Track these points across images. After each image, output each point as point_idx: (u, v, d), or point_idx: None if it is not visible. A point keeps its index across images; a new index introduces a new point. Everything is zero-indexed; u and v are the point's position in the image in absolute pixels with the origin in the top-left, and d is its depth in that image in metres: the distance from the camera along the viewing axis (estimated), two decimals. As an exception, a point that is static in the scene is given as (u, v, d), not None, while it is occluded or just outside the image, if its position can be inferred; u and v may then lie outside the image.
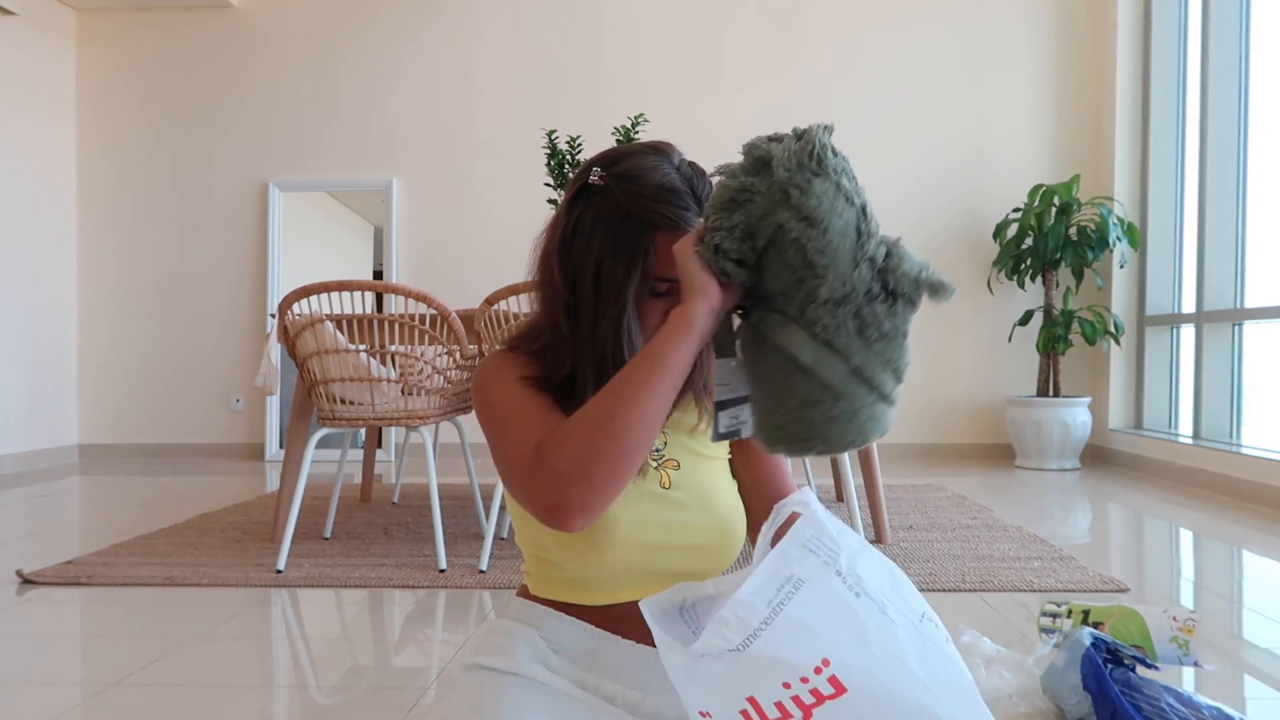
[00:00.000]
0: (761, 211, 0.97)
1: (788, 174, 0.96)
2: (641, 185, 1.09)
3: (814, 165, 0.96)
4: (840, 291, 0.95)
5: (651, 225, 1.08)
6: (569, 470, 0.98)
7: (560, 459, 0.99)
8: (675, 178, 1.11)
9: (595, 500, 0.99)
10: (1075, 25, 5.70)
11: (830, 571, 0.92)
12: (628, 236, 1.08)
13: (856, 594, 0.92)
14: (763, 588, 0.91)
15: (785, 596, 0.90)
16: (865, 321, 0.96)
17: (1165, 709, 1.49)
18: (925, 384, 5.74)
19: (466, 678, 1.18)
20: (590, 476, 0.98)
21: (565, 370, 1.12)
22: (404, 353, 3.12)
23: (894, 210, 5.73)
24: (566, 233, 1.12)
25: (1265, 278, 4.62)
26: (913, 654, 0.89)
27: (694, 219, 1.10)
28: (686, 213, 1.10)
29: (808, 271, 0.95)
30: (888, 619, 0.91)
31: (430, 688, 1.96)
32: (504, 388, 1.12)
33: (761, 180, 0.98)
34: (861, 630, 0.89)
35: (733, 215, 0.99)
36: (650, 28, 5.81)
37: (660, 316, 1.10)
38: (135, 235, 5.99)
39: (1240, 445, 4.48)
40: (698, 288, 1.01)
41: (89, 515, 4.18)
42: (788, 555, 0.93)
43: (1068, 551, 3.10)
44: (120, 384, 5.98)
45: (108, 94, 6.00)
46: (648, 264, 1.09)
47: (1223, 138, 4.74)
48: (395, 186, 5.88)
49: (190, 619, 2.45)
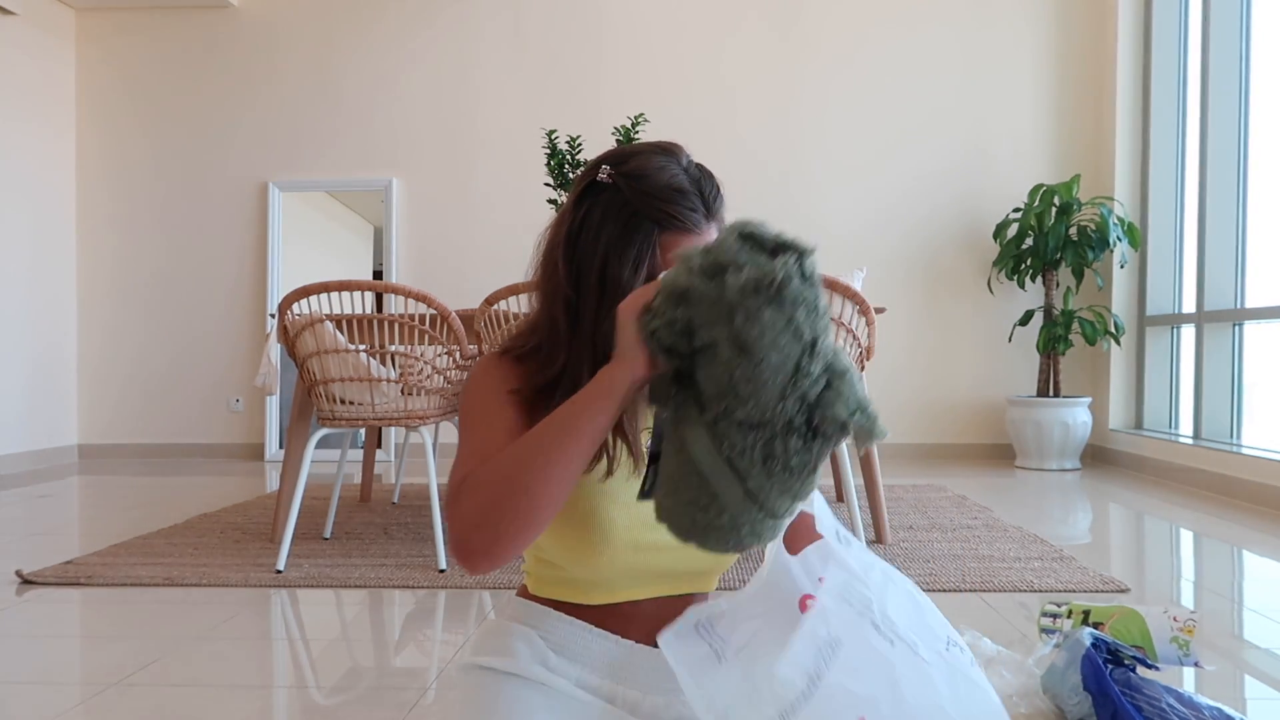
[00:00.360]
0: (704, 317, 0.91)
1: (739, 297, 0.89)
2: (649, 184, 1.09)
3: (770, 293, 0.88)
4: (756, 418, 0.90)
5: (658, 225, 1.08)
6: (476, 517, 0.98)
7: (471, 503, 0.98)
8: (683, 178, 1.11)
9: (499, 550, 0.97)
10: (1075, 25, 5.70)
11: (866, 623, 0.93)
12: (634, 235, 1.08)
13: (891, 642, 0.92)
14: (799, 657, 0.90)
15: (823, 663, 0.91)
16: (774, 452, 0.91)
17: (1165, 709, 1.49)
18: (925, 384, 5.74)
19: (466, 678, 1.18)
20: (495, 526, 0.97)
21: (557, 368, 1.10)
22: (404, 353, 3.12)
23: (894, 210, 5.73)
24: (573, 229, 1.11)
25: (1265, 278, 4.62)
26: (945, 693, 0.90)
27: (700, 220, 1.10)
28: (694, 214, 1.09)
29: (730, 391, 0.90)
30: (920, 660, 0.92)
31: (430, 688, 1.96)
32: (476, 401, 1.11)
33: (714, 287, 0.91)
34: (897, 682, 0.90)
35: (676, 308, 0.93)
36: (650, 28, 5.81)
37: None
38: (135, 235, 5.99)
39: (1240, 445, 4.48)
40: (628, 356, 0.98)
41: (89, 515, 4.18)
42: (826, 613, 0.93)
43: (1068, 552, 3.10)
44: (120, 384, 5.98)
45: (107, 94, 6.00)
46: (654, 263, 1.08)
47: (1223, 138, 4.74)
48: (395, 186, 5.88)
49: (190, 619, 2.45)
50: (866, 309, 2.81)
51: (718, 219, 1.13)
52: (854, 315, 2.81)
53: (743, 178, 5.70)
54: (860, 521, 2.80)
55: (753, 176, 5.71)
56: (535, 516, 0.97)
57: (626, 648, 1.17)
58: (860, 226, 5.72)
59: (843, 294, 2.78)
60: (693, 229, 1.09)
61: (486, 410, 1.09)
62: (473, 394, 1.12)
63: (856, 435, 0.91)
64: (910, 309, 5.70)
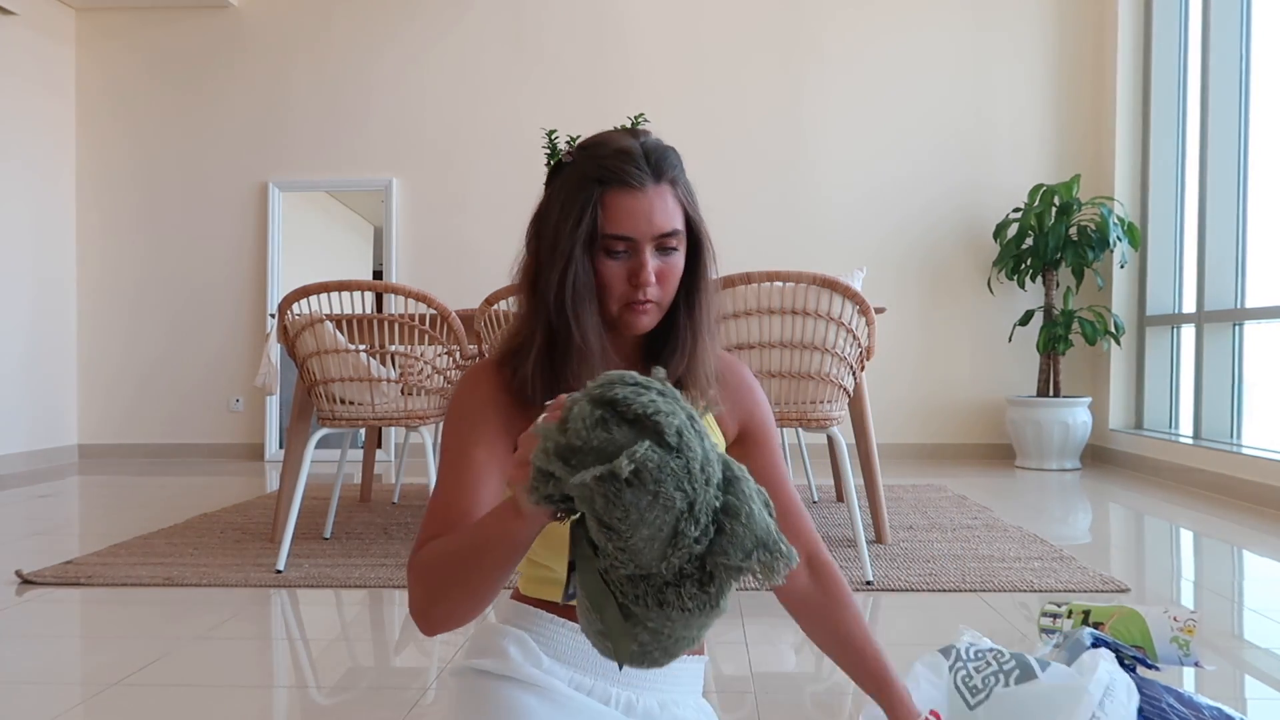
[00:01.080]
0: (572, 494, 0.85)
1: (596, 485, 0.82)
2: (600, 151, 1.14)
3: (629, 476, 0.81)
4: (642, 574, 0.86)
5: (600, 181, 1.12)
6: (423, 596, 1.04)
7: (419, 584, 1.05)
8: (634, 145, 1.15)
9: (450, 623, 1.04)
10: (1075, 25, 5.70)
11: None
12: (580, 195, 1.13)
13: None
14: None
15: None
16: (667, 600, 0.85)
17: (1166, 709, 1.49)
18: (925, 384, 5.74)
19: (460, 682, 1.18)
20: (440, 607, 1.04)
21: (522, 336, 1.17)
22: (404, 353, 3.12)
23: (894, 210, 5.73)
24: (539, 209, 1.19)
25: (1265, 278, 4.62)
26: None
27: (644, 178, 1.12)
28: (637, 171, 1.12)
29: (609, 555, 0.86)
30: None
31: (430, 688, 1.96)
32: (451, 433, 1.15)
33: (570, 472, 0.84)
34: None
35: (547, 484, 0.86)
36: (650, 27, 5.81)
37: (621, 282, 1.13)
38: (135, 235, 5.99)
39: (1240, 445, 4.48)
40: (526, 508, 0.94)
41: (89, 515, 4.18)
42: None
43: (1068, 551, 3.10)
44: (120, 384, 5.98)
45: (107, 94, 6.00)
46: (596, 217, 1.12)
47: (1223, 138, 4.74)
48: (395, 186, 5.88)
49: (190, 619, 2.45)
50: (866, 309, 2.81)
51: (668, 180, 1.14)
52: (854, 315, 2.81)
53: (743, 178, 5.70)
54: (860, 521, 2.80)
55: (753, 177, 5.71)
56: (477, 602, 1.02)
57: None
58: (861, 226, 5.72)
59: (843, 294, 2.78)
60: (634, 185, 1.12)
61: (461, 450, 1.13)
62: (451, 421, 1.17)
63: (761, 573, 0.86)
64: (910, 309, 5.70)
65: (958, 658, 1.28)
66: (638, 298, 1.13)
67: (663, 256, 1.14)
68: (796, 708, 1.89)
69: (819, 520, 3.67)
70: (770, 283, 2.77)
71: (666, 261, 1.15)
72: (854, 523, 2.77)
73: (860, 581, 2.72)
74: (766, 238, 5.66)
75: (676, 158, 1.17)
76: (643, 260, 1.12)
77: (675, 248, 1.15)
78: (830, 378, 2.84)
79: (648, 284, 1.13)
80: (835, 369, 2.84)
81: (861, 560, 2.76)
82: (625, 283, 1.13)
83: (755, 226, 5.67)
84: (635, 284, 1.13)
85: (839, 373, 2.85)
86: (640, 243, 1.13)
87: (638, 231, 1.12)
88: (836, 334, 2.81)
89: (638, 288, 1.13)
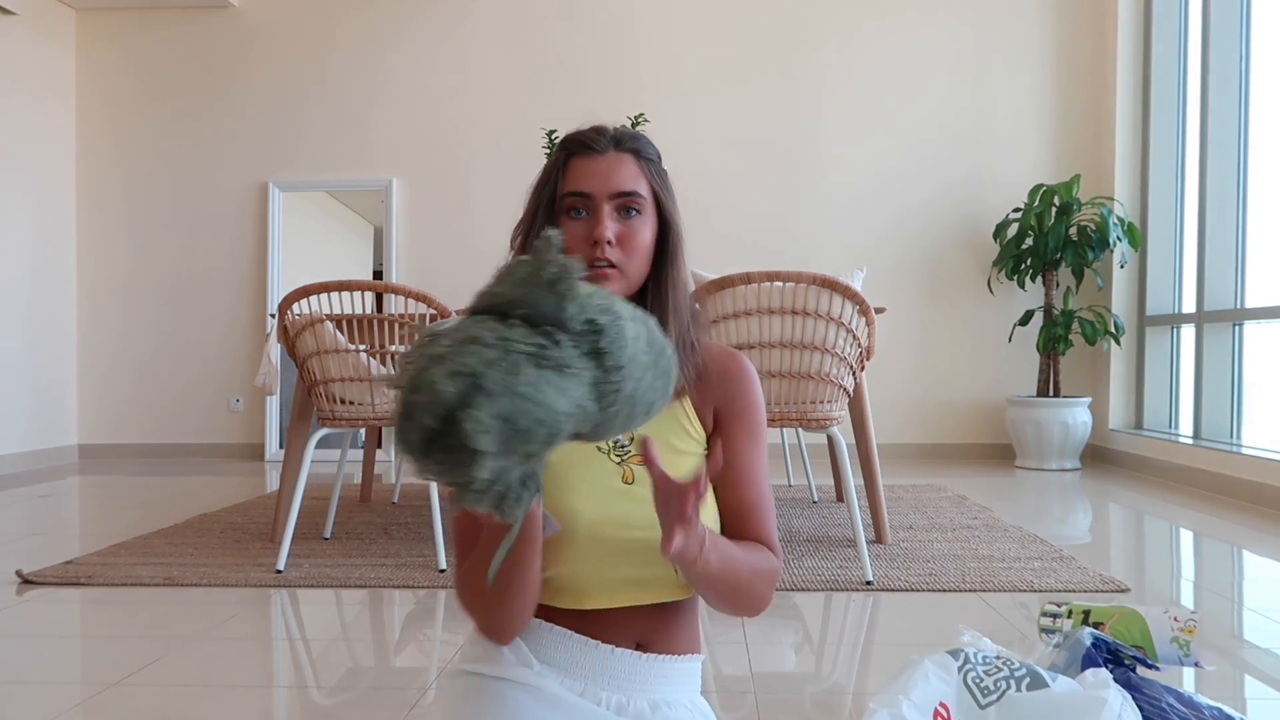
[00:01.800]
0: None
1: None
2: (576, 130, 1.22)
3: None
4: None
5: (565, 148, 1.20)
6: (476, 618, 1.16)
7: (467, 609, 1.15)
8: (608, 125, 1.21)
9: (517, 625, 1.14)
10: (1075, 25, 5.70)
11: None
12: (551, 163, 1.22)
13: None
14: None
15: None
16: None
17: (1166, 709, 1.49)
18: (925, 384, 5.74)
19: (454, 684, 1.18)
20: (493, 618, 1.13)
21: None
22: (404, 353, 3.12)
23: (894, 210, 5.73)
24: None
25: (1265, 278, 4.62)
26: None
27: (605, 144, 1.18)
28: (600, 138, 1.18)
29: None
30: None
31: (430, 688, 1.96)
32: None
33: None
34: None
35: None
36: (650, 27, 5.81)
37: (581, 244, 1.15)
38: (135, 235, 5.99)
39: (1240, 445, 4.48)
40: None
41: (89, 515, 4.18)
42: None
43: (1068, 551, 3.10)
44: (120, 384, 5.98)
45: (107, 94, 6.00)
46: (558, 180, 1.18)
47: (1223, 138, 4.74)
48: (395, 186, 5.88)
49: (190, 619, 2.45)
50: (866, 309, 2.81)
51: (630, 150, 1.19)
52: (854, 315, 2.81)
53: (743, 178, 5.70)
54: (860, 521, 2.80)
55: (753, 177, 5.71)
56: (522, 609, 1.12)
57: (606, 652, 1.16)
58: (860, 226, 5.72)
59: (843, 294, 2.78)
60: (596, 149, 1.18)
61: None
62: None
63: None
64: (910, 309, 5.70)
65: (967, 660, 1.28)
66: (597, 256, 1.14)
67: (624, 220, 1.16)
68: (796, 708, 1.89)
69: (819, 520, 3.67)
70: (770, 283, 2.77)
71: (627, 225, 1.16)
72: (854, 523, 2.77)
73: (860, 581, 2.72)
74: (766, 238, 5.66)
75: (650, 145, 1.21)
76: (599, 217, 1.15)
77: (637, 211, 1.17)
78: (830, 378, 2.84)
79: (602, 239, 1.14)
80: (835, 369, 2.84)
81: (861, 560, 2.76)
82: (585, 243, 1.15)
83: (755, 226, 5.67)
84: (593, 242, 1.14)
85: (839, 373, 2.85)
86: (598, 200, 1.15)
87: (593, 187, 1.16)
88: (836, 334, 2.81)
89: (595, 245, 1.14)
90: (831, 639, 2.37)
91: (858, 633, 2.46)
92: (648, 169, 1.19)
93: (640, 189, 1.17)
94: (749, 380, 1.25)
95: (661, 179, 1.20)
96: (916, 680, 1.21)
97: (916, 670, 1.24)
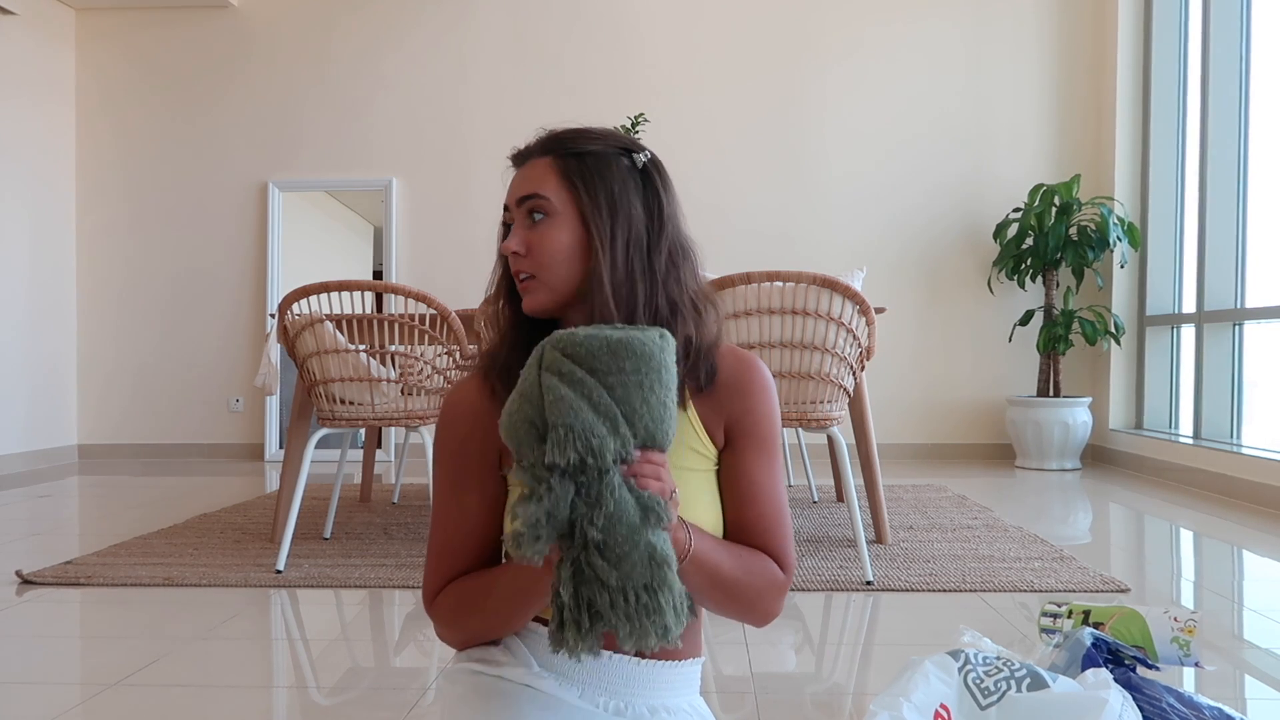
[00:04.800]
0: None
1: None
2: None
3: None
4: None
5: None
6: (456, 637, 1.18)
7: (448, 629, 1.17)
8: (553, 129, 1.19)
9: (493, 639, 1.16)
10: (1075, 25, 5.70)
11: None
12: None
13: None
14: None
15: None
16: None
17: (1166, 709, 1.49)
18: (925, 384, 5.74)
19: (453, 684, 1.18)
20: (477, 638, 1.16)
21: (501, 346, 1.21)
22: (404, 353, 3.12)
23: (894, 210, 5.73)
24: None
25: (1265, 278, 4.61)
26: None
27: (528, 154, 1.17)
28: (525, 149, 1.18)
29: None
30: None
31: (430, 688, 1.96)
32: (441, 462, 1.19)
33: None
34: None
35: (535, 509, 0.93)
36: (650, 27, 5.81)
37: (511, 246, 1.13)
38: (135, 235, 5.99)
39: (1240, 445, 4.48)
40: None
41: (89, 515, 4.18)
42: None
43: (1068, 551, 3.10)
44: (120, 384, 5.98)
45: (107, 94, 5.99)
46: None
47: (1223, 137, 4.74)
48: (395, 186, 5.88)
49: (190, 619, 2.45)
50: (866, 309, 2.81)
51: (549, 153, 1.15)
52: (854, 315, 2.81)
53: (743, 178, 5.70)
54: (860, 522, 2.80)
55: (753, 176, 5.70)
56: (513, 631, 1.14)
57: (605, 658, 1.16)
58: (860, 226, 5.72)
59: (843, 294, 2.78)
60: (521, 159, 1.17)
61: (453, 487, 1.17)
62: (439, 454, 1.19)
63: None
64: (910, 309, 5.70)
65: (967, 661, 1.28)
66: (515, 269, 1.14)
67: (531, 226, 1.13)
68: (796, 708, 1.89)
69: (819, 520, 3.67)
70: (770, 283, 2.77)
71: (534, 231, 1.12)
72: (854, 523, 2.77)
73: (860, 582, 2.72)
74: (766, 237, 5.66)
75: (582, 141, 1.14)
76: (514, 228, 1.14)
77: (542, 214, 1.12)
78: (830, 378, 2.84)
79: (507, 251, 1.13)
80: (835, 369, 2.84)
81: (861, 560, 2.76)
82: (520, 242, 1.14)
83: (755, 226, 5.67)
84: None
85: (839, 373, 2.85)
86: (514, 211, 1.14)
87: (509, 199, 1.15)
88: (836, 334, 2.81)
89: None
90: (832, 639, 2.37)
91: (858, 633, 2.46)
92: (563, 166, 1.12)
93: (543, 190, 1.11)
94: (763, 391, 1.18)
95: (588, 175, 1.12)
96: (917, 681, 1.21)
97: (917, 671, 1.24)
